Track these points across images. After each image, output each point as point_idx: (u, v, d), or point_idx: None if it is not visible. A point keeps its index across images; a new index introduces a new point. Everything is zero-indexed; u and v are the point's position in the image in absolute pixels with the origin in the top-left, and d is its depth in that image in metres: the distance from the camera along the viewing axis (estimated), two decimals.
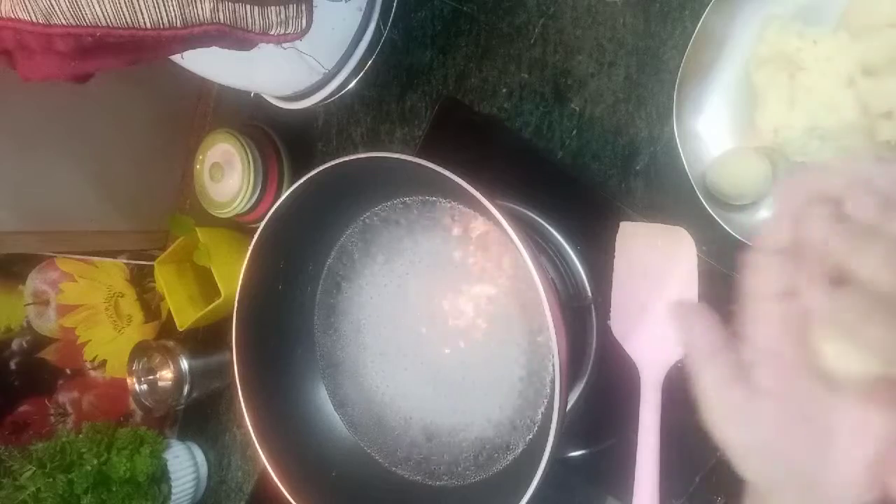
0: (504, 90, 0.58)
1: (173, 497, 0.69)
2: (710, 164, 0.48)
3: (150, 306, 0.77)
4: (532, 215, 0.52)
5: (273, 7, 0.42)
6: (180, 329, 0.69)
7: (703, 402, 0.31)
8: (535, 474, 0.35)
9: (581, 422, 0.52)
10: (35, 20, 0.34)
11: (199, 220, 0.67)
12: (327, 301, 0.52)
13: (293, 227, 0.46)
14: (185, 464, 0.71)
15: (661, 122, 0.52)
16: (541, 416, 0.44)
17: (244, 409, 0.45)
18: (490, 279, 0.46)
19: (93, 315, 0.76)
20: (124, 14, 0.36)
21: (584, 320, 0.51)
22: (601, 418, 0.52)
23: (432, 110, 0.61)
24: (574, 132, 0.56)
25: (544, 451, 0.35)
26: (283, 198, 0.43)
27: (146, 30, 0.37)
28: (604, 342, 0.49)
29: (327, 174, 0.41)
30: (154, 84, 0.71)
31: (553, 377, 0.36)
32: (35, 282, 0.76)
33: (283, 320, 0.50)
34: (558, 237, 0.51)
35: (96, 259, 0.74)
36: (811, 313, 0.29)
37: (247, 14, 0.41)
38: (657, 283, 0.45)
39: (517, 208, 0.52)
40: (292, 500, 0.43)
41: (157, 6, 0.36)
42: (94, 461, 0.63)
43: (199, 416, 0.76)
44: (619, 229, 0.47)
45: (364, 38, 0.60)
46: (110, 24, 0.35)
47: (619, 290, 0.46)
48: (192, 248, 0.67)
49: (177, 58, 0.51)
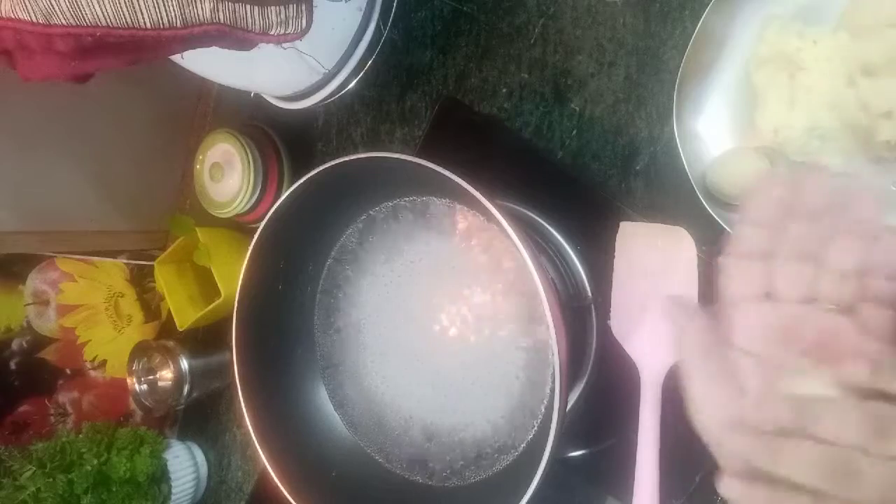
0: (504, 90, 0.58)
1: (173, 497, 0.69)
2: (710, 164, 0.48)
3: (150, 306, 0.77)
4: (532, 215, 0.52)
5: (273, 7, 0.42)
6: (180, 329, 0.69)
7: (692, 399, 0.31)
8: (535, 474, 0.35)
9: (581, 422, 0.52)
10: (35, 20, 0.34)
11: (199, 220, 0.67)
12: (327, 301, 0.52)
13: (293, 227, 0.46)
14: (185, 464, 0.71)
15: (661, 122, 0.52)
16: (541, 416, 0.44)
17: (244, 409, 0.45)
18: (490, 279, 0.46)
19: (93, 315, 0.76)
20: (124, 14, 0.36)
21: (584, 320, 0.51)
22: (601, 418, 0.52)
23: (432, 110, 0.61)
24: (574, 132, 0.56)
25: (544, 451, 0.35)
26: (283, 198, 0.43)
27: (146, 30, 0.37)
28: (604, 342, 0.49)
29: (327, 174, 0.41)
30: (154, 84, 0.71)
31: (553, 377, 0.36)
32: (35, 282, 0.76)
33: (283, 320, 0.50)
34: (558, 237, 0.51)
35: (96, 259, 0.74)
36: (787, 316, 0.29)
37: (247, 14, 0.41)
38: (657, 284, 0.45)
39: (517, 208, 0.52)
40: (292, 500, 0.43)
41: (157, 6, 0.36)
42: (94, 461, 0.63)
43: (199, 416, 0.76)
44: (619, 229, 0.47)
45: (364, 38, 0.60)
46: (110, 24, 0.35)
47: (619, 290, 0.46)
48: (192, 248, 0.67)
49: (177, 58, 0.51)
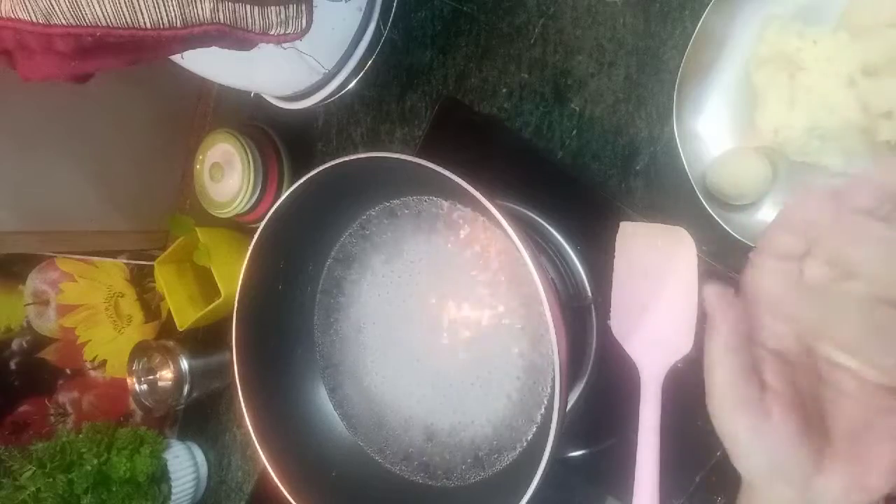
0: (504, 90, 0.58)
1: (173, 497, 0.69)
2: (710, 164, 0.48)
3: (150, 306, 0.77)
4: (532, 215, 0.52)
5: (273, 7, 0.42)
6: (180, 329, 0.69)
7: (713, 392, 0.31)
8: (535, 474, 0.35)
9: (581, 422, 0.52)
10: (35, 20, 0.34)
11: (199, 220, 0.67)
12: (327, 301, 0.52)
13: (293, 227, 0.46)
14: (185, 464, 0.71)
15: (661, 122, 0.52)
16: (541, 416, 0.44)
17: (244, 409, 0.45)
18: (490, 279, 0.46)
19: (93, 315, 0.76)
20: (124, 14, 0.36)
21: (584, 320, 0.51)
22: (601, 418, 0.52)
23: (432, 110, 0.61)
24: (574, 132, 0.56)
25: (544, 451, 0.35)
26: (283, 198, 0.43)
27: (146, 30, 0.37)
28: (604, 342, 0.49)
29: (327, 174, 0.41)
30: (154, 84, 0.71)
31: (553, 377, 0.36)
32: (35, 282, 0.76)
33: (283, 320, 0.50)
34: (558, 237, 0.51)
35: (96, 259, 0.74)
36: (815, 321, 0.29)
37: (247, 14, 0.41)
38: (657, 283, 0.45)
39: (517, 208, 0.52)
40: (292, 500, 0.43)
41: (157, 6, 0.36)
42: (94, 461, 0.63)
43: (199, 416, 0.76)
44: (619, 229, 0.47)
45: (364, 38, 0.60)
46: (110, 24, 0.35)
47: (619, 290, 0.46)
48: (192, 248, 0.67)
49: (177, 58, 0.51)
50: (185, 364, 0.68)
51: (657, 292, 0.45)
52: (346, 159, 0.40)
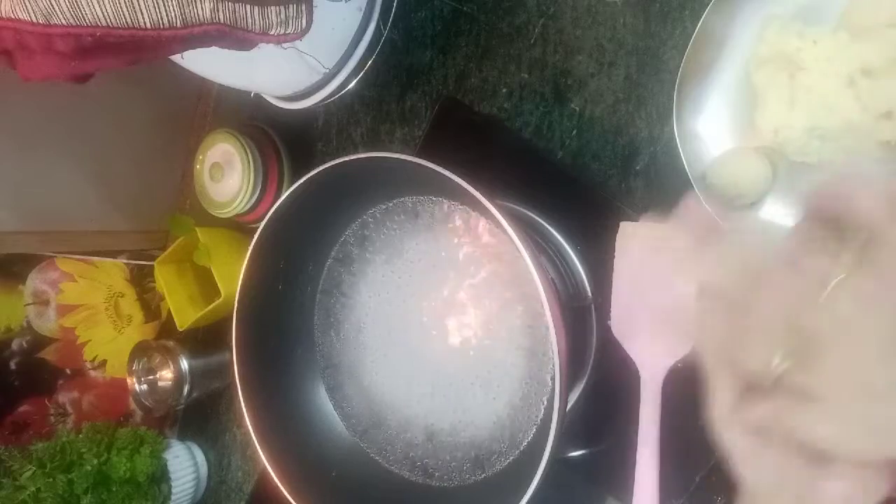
0: (504, 90, 0.58)
1: (173, 497, 0.69)
2: (710, 164, 0.48)
3: (150, 306, 0.77)
4: (532, 215, 0.52)
5: (273, 7, 0.42)
6: (180, 329, 0.69)
7: (711, 402, 0.31)
8: (535, 474, 0.35)
9: (581, 422, 0.52)
10: (35, 20, 0.34)
11: (199, 220, 0.67)
12: (327, 301, 0.52)
13: (293, 227, 0.46)
14: (185, 464, 0.71)
15: (661, 122, 0.52)
16: (541, 416, 0.44)
17: (244, 409, 0.45)
18: (490, 279, 0.46)
19: (93, 315, 0.76)
20: (124, 14, 0.36)
21: (584, 320, 0.51)
22: (601, 418, 0.52)
23: (432, 110, 0.61)
24: (574, 132, 0.56)
25: (544, 451, 0.35)
26: (283, 198, 0.43)
27: (146, 30, 0.37)
28: (604, 342, 0.49)
29: (327, 174, 0.41)
30: (154, 84, 0.71)
31: (553, 377, 0.36)
32: (35, 282, 0.76)
33: (283, 320, 0.50)
34: (558, 237, 0.51)
35: (96, 259, 0.74)
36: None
37: (247, 14, 0.41)
38: (657, 283, 0.45)
39: (517, 208, 0.52)
40: (292, 500, 0.43)
41: (157, 6, 0.36)
42: (94, 461, 0.63)
43: (199, 416, 0.76)
44: (619, 229, 0.47)
45: (364, 38, 0.60)
46: (110, 24, 0.35)
47: (619, 290, 0.46)
48: (192, 248, 0.67)
49: (177, 58, 0.51)
50: (185, 364, 0.68)
51: (657, 292, 0.45)
52: (346, 159, 0.40)
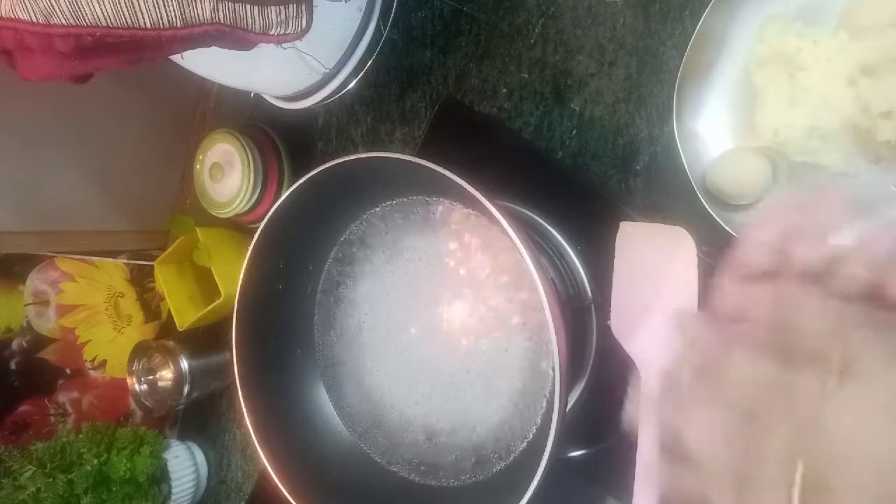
0: (504, 90, 0.58)
1: (173, 497, 0.69)
2: (710, 164, 0.48)
3: (150, 306, 0.77)
4: (532, 215, 0.52)
5: (273, 7, 0.42)
6: (180, 329, 0.69)
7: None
8: (535, 474, 0.35)
9: (581, 422, 0.52)
10: (35, 20, 0.34)
11: (199, 220, 0.67)
12: (327, 301, 0.52)
13: (293, 227, 0.46)
14: (185, 464, 0.71)
15: (661, 122, 0.52)
16: (541, 416, 0.44)
17: (244, 409, 0.45)
18: (490, 279, 0.46)
19: (93, 315, 0.76)
20: (124, 14, 0.36)
21: (584, 320, 0.51)
22: (601, 418, 0.52)
23: (432, 110, 0.61)
24: (574, 132, 0.55)
25: (544, 451, 0.35)
26: (283, 198, 0.43)
27: (146, 30, 0.37)
28: (604, 342, 0.49)
29: (327, 174, 0.41)
30: (154, 84, 0.71)
31: (553, 377, 0.36)
32: (35, 282, 0.76)
33: (283, 320, 0.50)
34: (558, 237, 0.51)
35: (96, 259, 0.74)
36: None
37: (247, 14, 0.41)
38: (657, 283, 0.45)
39: (517, 208, 0.52)
40: (292, 500, 0.43)
41: (157, 6, 0.36)
42: (94, 461, 0.63)
43: (199, 416, 0.76)
44: (619, 229, 0.47)
45: (364, 38, 0.60)
46: (110, 24, 0.35)
47: (619, 290, 0.46)
48: (192, 248, 0.67)
49: (177, 58, 0.51)
50: (185, 364, 0.68)
51: (657, 292, 0.44)
52: (346, 159, 0.40)
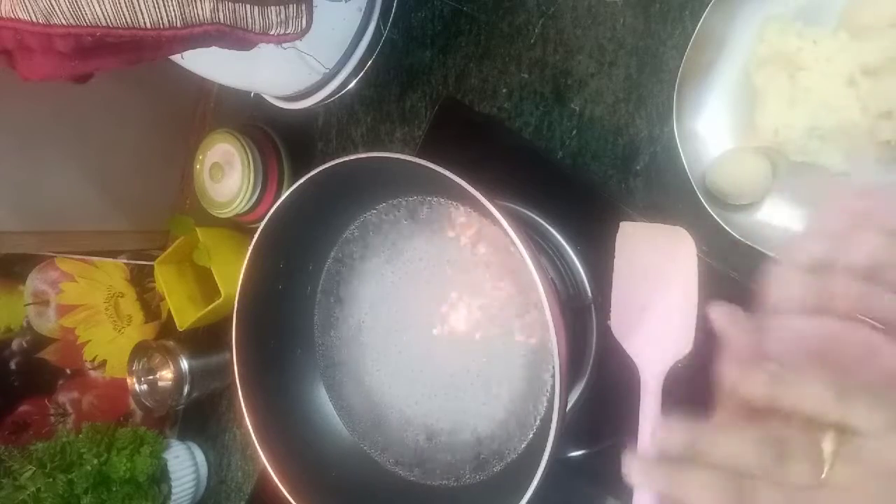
0: (504, 90, 0.58)
1: (173, 497, 0.69)
2: (710, 164, 0.48)
3: (150, 306, 0.77)
4: (532, 215, 0.52)
5: (273, 7, 0.42)
6: (180, 329, 0.69)
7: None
8: (535, 474, 0.35)
9: (581, 422, 0.52)
10: (35, 20, 0.34)
11: (199, 220, 0.67)
12: (327, 301, 0.52)
13: (293, 227, 0.46)
14: (185, 464, 0.71)
15: (661, 122, 0.52)
16: (541, 416, 0.44)
17: (244, 409, 0.45)
18: (490, 279, 0.46)
19: (93, 315, 0.76)
20: (124, 14, 0.36)
21: (584, 320, 0.51)
22: (601, 418, 0.52)
23: (432, 110, 0.61)
24: (574, 132, 0.55)
25: (544, 451, 0.35)
26: (283, 198, 0.43)
27: (146, 30, 0.37)
28: (604, 342, 0.49)
29: (327, 174, 0.41)
30: (154, 84, 0.71)
31: (553, 377, 0.36)
32: (35, 282, 0.76)
33: (283, 320, 0.50)
34: (558, 237, 0.51)
35: (96, 259, 0.74)
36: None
37: (247, 14, 0.41)
38: (657, 283, 0.45)
39: (517, 208, 0.52)
40: (292, 500, 0.43)
41: (157, 6, 0.36)
42: (94, 461, 0.63)
43: (199, 416, 0.76)
44: (619, 229, 0.47)
45: (364, 38, 0.60)
46: (110, 24, 0.35)
47: (619, 290, 0.46)
48: (192, 248, 0.67)
49: (177, 58, 0.51)
50: (185, 364, 0.68)
51: (657, 292, 0.45)
52: (346, 159, 0.40)
